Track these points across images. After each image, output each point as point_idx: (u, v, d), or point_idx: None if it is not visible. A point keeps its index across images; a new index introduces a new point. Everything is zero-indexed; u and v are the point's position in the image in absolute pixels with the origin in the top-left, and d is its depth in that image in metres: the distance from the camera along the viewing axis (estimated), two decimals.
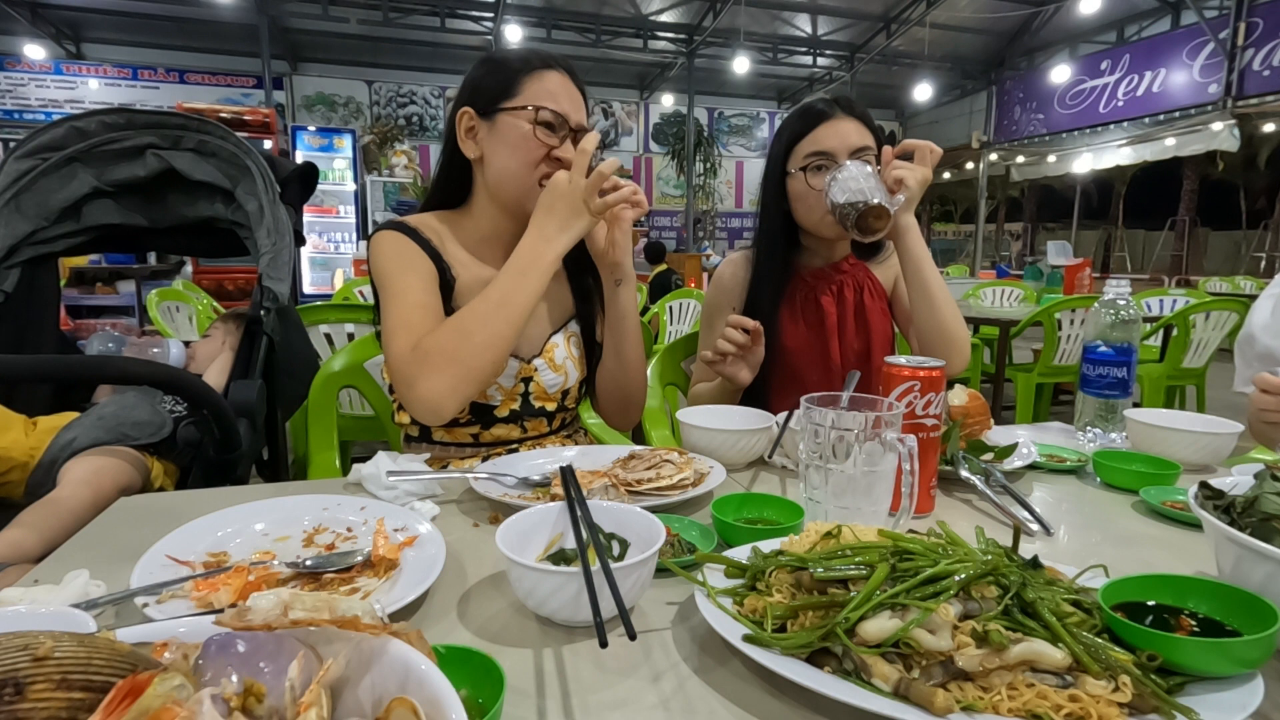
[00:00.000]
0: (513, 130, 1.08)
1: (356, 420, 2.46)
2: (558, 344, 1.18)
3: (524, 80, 1.09)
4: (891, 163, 1.26)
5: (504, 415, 1.13)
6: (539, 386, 1.15)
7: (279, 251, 1.68)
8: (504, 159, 1.10)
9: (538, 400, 1.16)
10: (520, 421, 1.16)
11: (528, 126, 1.07)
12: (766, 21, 11.09)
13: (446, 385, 0.95)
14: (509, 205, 1.13)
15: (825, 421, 0.72)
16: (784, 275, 1.38)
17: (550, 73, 1.10)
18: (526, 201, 1.10)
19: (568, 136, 1.10)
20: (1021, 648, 0.47)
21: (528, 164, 1.08)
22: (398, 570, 0.66)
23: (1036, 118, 11.49)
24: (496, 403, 1.12)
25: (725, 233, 13.64)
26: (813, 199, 1.30)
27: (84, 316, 5.80)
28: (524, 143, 1.08)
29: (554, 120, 1.08)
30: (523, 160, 1.08)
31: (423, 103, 11.91)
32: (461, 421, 1.13)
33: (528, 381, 1.14)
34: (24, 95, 10.18)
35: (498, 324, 0.97)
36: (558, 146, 1.09)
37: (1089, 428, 1.19)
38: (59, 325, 1.90)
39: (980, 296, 5.40)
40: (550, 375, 1.16)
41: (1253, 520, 0.60)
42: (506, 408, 1.13)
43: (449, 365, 0.95)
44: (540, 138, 1.08)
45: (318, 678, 0.33)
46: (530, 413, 1.16)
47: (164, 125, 1.70)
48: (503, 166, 1.10)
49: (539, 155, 1.08)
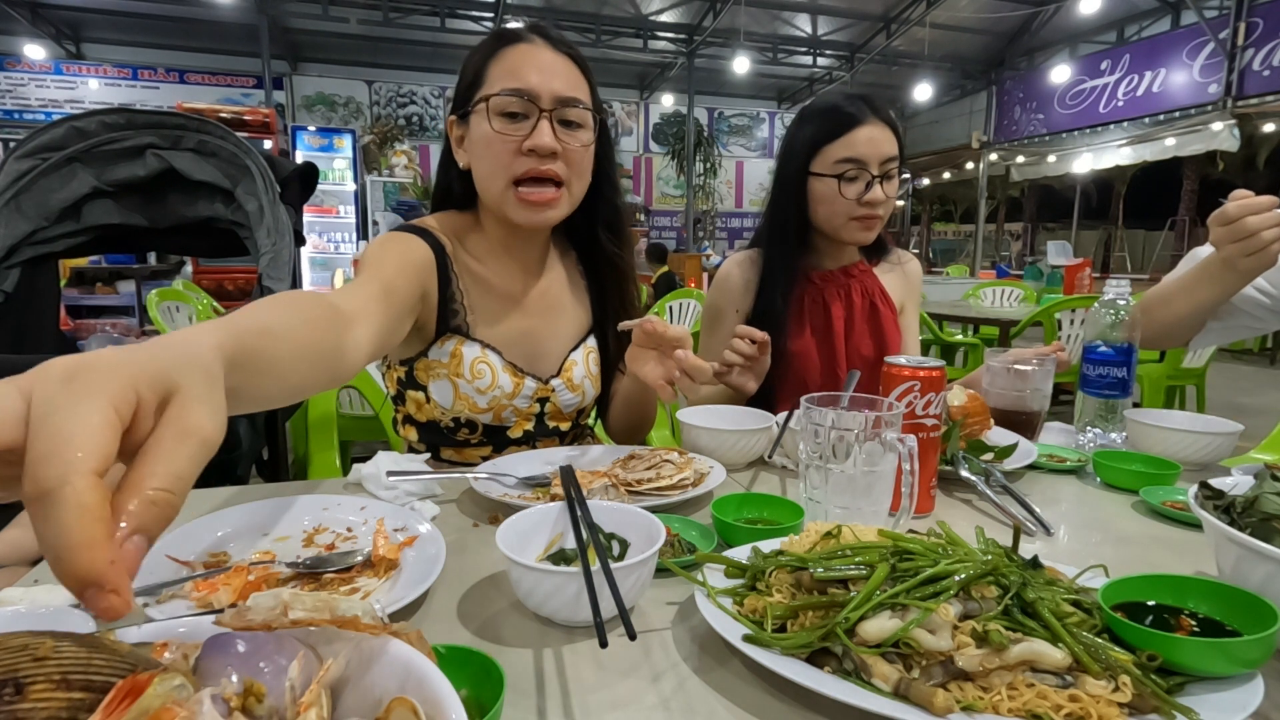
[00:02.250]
0: (478, 130, 0.97)
1: (356, 420, 2.46)
2: (576, 362, 1.12)
3: (489, 65, 0.97)
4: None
5: (517, 436, 1.09)
6: (555, 407, 1.10)
7: (279, 251, 1.68)
8: (477, 166, 1.00)
9: (552, 421, 1.11)
10: (533, 442, 1.11)
11: (487, 125, 0.95)
12: (766, 21, 11.08)
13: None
14: (497, 218, 1.03)
15: (825, 421, 0.72)
16: (793, 275, 1.35)
17: (517, 46, 0.97)
18: (507, 212, 0.99)
19: (541, 117, 0.94)
20: (1021, 648, 0.47)
21: (495, 168, 0.96)
22: (397, 570, 0.66)
23: (1036, 118, 11.49)
24: (511, 424, 1.08)
25: (725, 233, 13.64)
26: (840, 205, 1.28)
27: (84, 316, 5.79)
28: (487, 144, 0.95)
29: (519, 106, 0.94)
30: (491, 165, 0.97)
31: (423, 103, 11.91)
32: (474, 443, 1.09)
33: (544, 402, 1.09)
34: (24, 95, 10.18)
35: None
36: (527, 136, 0.94)
37: (1089, 428, 1.19)
38: (59, 325, 1.91)
39: (980, 296, 5.40)
40: (568, 395, 1.11)
41: (1253, 520, 0.60)
42: (520, 429, 1.09)
43: None
44: (500, 130, 0.94)
45: (318, 678, 0.33)
46: (544, 433, 1.12)
47: (164, 125, 1.71)
48: (478, 174, 1.01)
49: (506, 152, 0.95)
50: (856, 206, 1.28)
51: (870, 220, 1.29)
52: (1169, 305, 1.20)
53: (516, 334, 1.07)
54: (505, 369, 1.05)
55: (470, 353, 1.03)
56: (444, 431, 1.07)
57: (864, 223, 1.29)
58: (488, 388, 1.04)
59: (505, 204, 0.98)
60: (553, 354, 1.11)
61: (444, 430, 1.07)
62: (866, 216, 1.29)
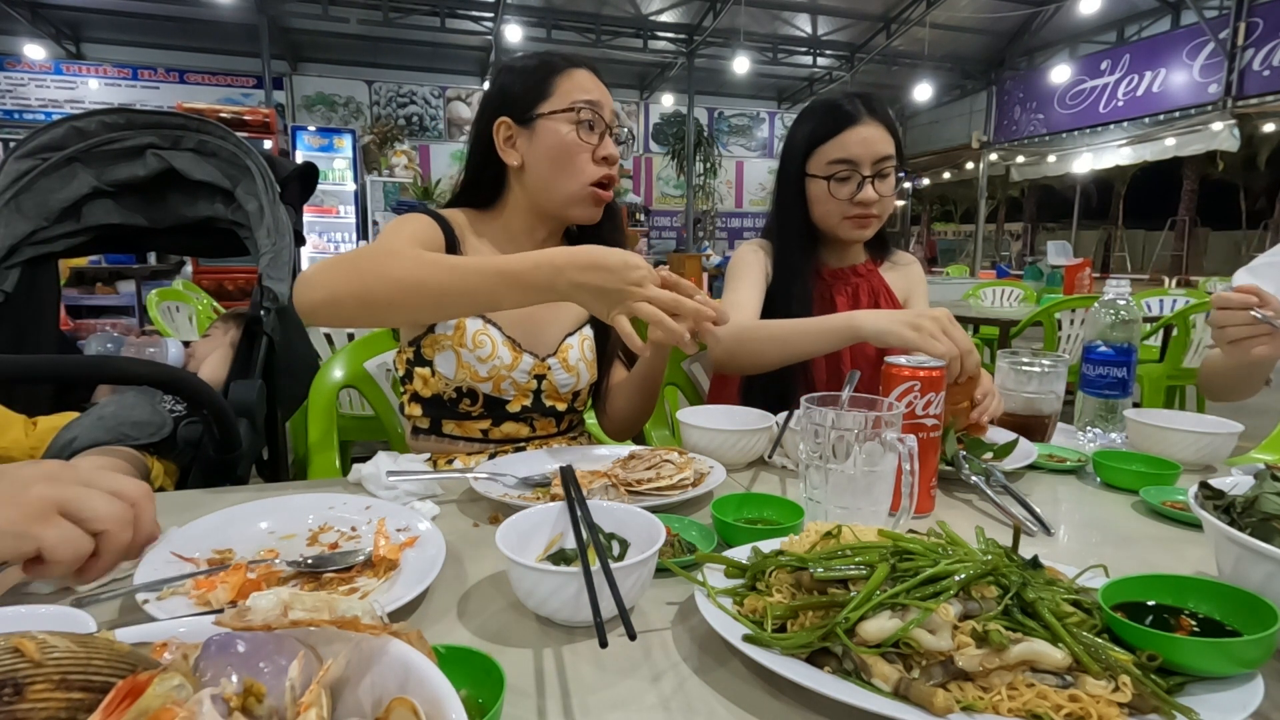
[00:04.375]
0: (553, 135, 1.08)
1: (356, 420, 2.46)
2: (572, 345, 1.18)
3: (556, 80, 1.09)
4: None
5: (515, 410, 1.14)
6: (551, 385, 1.16)
7: (279, 251, 1.68)
8: (548, 167, 1.10)
9: (549, 399, 1.16)
10: (530, 420, 1.17)
11: (569, 129, 1.07)
12: (766, 21, 11.08)
13: (339, 285, 0.90)
14: (550, 210, 1.14)
15: (825, 421, 0.72)
16: (803, 271, 1.37)
17: (579, 70, 1.11)
18: (572, 208, 1.12)
19: (605, 132, 1.10)
20: (1021, 648, 0.47)
21: (575, 173, 1.09)
22: (397, 570, 0.66)
23: (1036, 118, 11.49)
24: (510, 397, 1.13)
25: (725, 233, 13.63)
26: (833, 205, 1.30)
27: (84, 316, 5.79)
28: (568, 148, 1.08)
29: (593, 118, 1.08)
30: (570, 170, 1.09)
31: (423, 103, 11.91)
32: (474, 415, 1.13)
33: (541, 379, 1.15)
34: (24, 95, 10.18)
35: (427, 275, 0.87)
36: (598, 145, 1.09)
37: (1089, 428, 1.19)
38: (59, 325, 1.90)
39: (980, 296, 5.40)
40: (563, 375, 1.16)
41: (1253, 520, 0.60)
42: (519, 403, 1.14)
43: (355, 272, 0.90)
44: (582, 138, 1.08)
45: (318, 678, 0.33)
46: (541, 410, 1.16)
47: (164, 125, 1.70)
48: (547, 174, 1.10)
49: (586, 160, 1.09)
50: (849, 206, 1.30)
51: (864, 219, 1.31)
52: (1221, 376, 1.28)
53: (518, 313, 1.12)
54: (505, 343, 1.12)
55: (473, 325, 1.10)
56: (447, 404, 1.13)
57: (858, 221, 1.31)
58: (488, 357, 1.10)
59: (575, 201, 1.11)
60: (550, 335, 1.17)
61: (447, 403, 1.13)
62: (860, 215, 1.31)
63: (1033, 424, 1.16)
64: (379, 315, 0.97)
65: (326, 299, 0.91)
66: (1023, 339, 3.60)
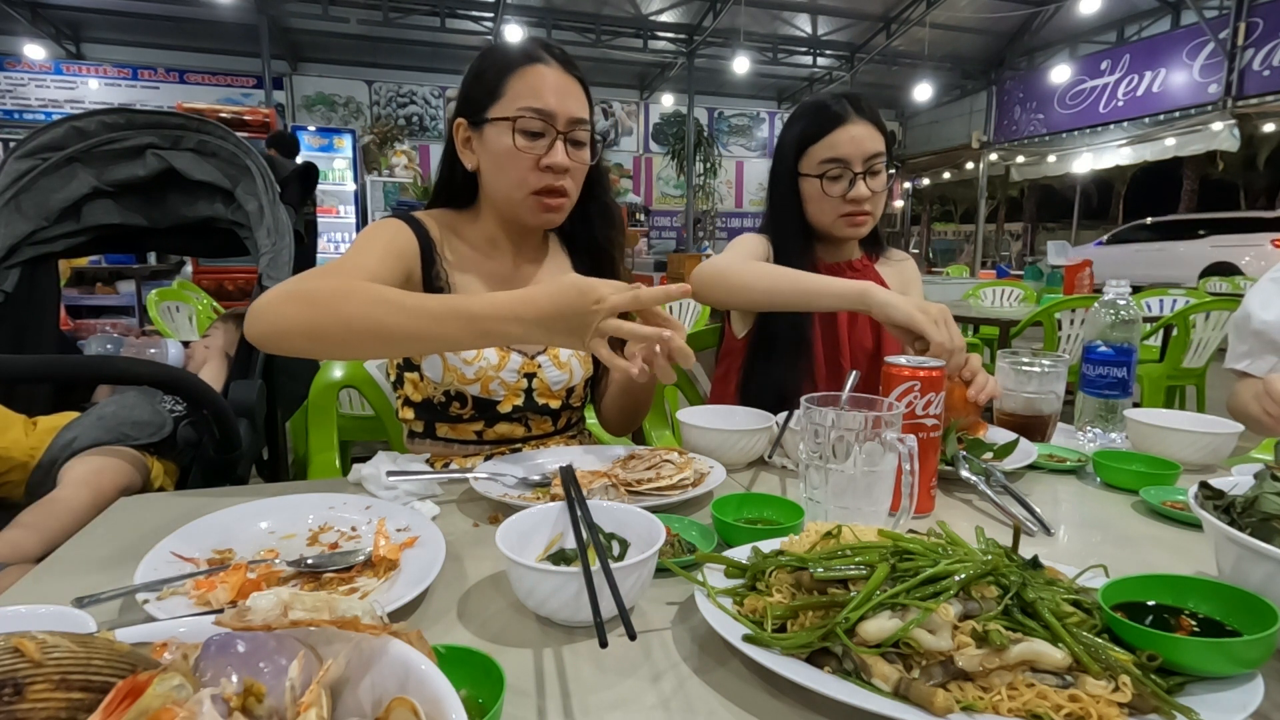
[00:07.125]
0: (497, 143, 1.04)
1: (356, 420, 2.46)
2: None
3: (509, 80, 1.03)
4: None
5: (507, 411, 1.12)
6: (543, 383, 1.14)
7: (279, 251, 1.68)
8: (494, 174, 1.07)
9: (541, 397, 1.14)
10: (525, 420, 1.15)
11: (512, 136, 1.02)
12: (766, 21, 11.08)
13: (287, 320, 0.86)
14: (507, 215, 1.12)
15: (825, 421, 0.72)
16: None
17: (536, 66, 1.04)
18: (521, 216, 1.09)
19: (557, 138, 1.04)
20: (1021, 648, 0.47)
21: (515, 181, 1.05)
22: (397, 570, 0.66)
23: (1036, 118, 11.50)
24: (500, 398, 1.11)
25: (725, 233, 13.62)
26: (827, 203, 1.32)
27: (84, 316, 5.78)
28: (508, 159, 1.04)
29: (539, 126, 1.02)
30: (510, 177, 1.05)
31: (423, 103, 11.90)
32: (465, 418, 1.12)
33: (531, 377, 1.13)
34: (24, 95, 10.18)
35: (381, 316, 0.83)
36: (544, 154, 1.03)
37: (1089, 428, 1.19)
38: (59, 325, 1.90)
39: (980, 296, 5.40)
40: (555, 372, 1.14)
41: (1253, 520, 0.60)
42: (510, 403, 1.12)
43: (306, 307, 0.85)
44: (521, 148, 1.02)
45: (318, 678, 0.33)
46: (534, 409, 1.14)
47: (164, 125, 1.70)
48: (494, 182, 1.08)
49: (525, 168, 1.04)
50: (843, 204, 1.31)
51: (858, 216, 1.33)
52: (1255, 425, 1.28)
53: None
54: None
55: None
56: (437, 408, 1.12)
57: (851, 219, 1.33)
58: (474, 359, 1.08)
59: (521, 208, 1.08)
60: None
61: (437, 406, 1.12)
62: (853, 213, 1.32)
63: (1033, 424, 1.16)
64: (331, 352, 0.97)
65: (271, 332, 0.87)
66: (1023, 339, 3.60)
